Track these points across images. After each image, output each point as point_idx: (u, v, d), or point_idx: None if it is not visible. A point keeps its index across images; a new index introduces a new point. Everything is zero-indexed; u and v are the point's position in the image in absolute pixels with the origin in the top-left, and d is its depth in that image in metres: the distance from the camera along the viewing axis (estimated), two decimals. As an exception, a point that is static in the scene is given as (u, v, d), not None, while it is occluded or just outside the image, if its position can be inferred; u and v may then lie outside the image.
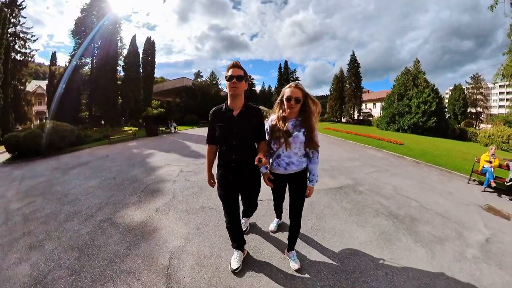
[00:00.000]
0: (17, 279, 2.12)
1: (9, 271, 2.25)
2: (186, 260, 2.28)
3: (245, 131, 1.83)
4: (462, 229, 3.12)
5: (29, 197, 4.46)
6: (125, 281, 1.97)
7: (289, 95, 1.82)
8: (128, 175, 5.14)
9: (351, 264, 2.25)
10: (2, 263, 2.38)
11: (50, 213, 3.53)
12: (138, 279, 1.99)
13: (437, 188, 4.74)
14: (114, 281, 2.00)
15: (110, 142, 11.12)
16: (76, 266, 2.20)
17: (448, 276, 2.17)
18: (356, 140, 10.71)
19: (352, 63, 32.02)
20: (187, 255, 2.34)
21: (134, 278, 1.99)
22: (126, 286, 1.95)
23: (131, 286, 1.93)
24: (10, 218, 3.57)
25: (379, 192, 4.19)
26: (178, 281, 2.01)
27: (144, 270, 2.12)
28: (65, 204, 3.77)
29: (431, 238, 2.77)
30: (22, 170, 7.48)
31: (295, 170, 1.95)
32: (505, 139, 16.98)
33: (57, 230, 2.95)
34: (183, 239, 2.60)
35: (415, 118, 20.79)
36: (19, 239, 2.89)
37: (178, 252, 2.39)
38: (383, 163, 6.62)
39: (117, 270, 2.08)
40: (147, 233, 2.76)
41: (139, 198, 3.74)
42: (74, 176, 5.65)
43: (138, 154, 7.87)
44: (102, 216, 3.17)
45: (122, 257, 2.25)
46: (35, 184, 5.43)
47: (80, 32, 24.55)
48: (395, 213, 3.37)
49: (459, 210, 3.80)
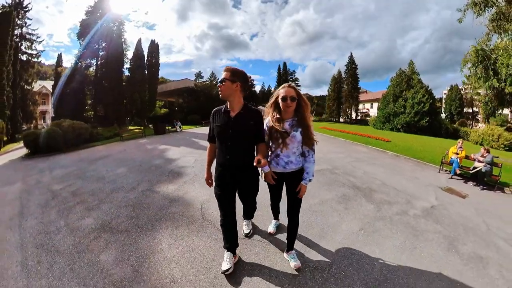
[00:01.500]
0: (85, 226, 3.13)
1: (75, 223, 3.25)
2: (211, 206, 3.44)
3: (241, 133, 1.87)
4: (413, 199, 4.20)
5: (67, 181, 5.48)
6: (173, 217, 3.10)
7: (284, 95, 1.89)
8: (152, 164, 6.22)
9: (315, 208, 3.40)
10: (67, 221, 3.36)
11: (95, 189, 4.58)
12: (182, 215, 3.11)
13: (406, 174, 5.83)
14: (165, 218, 3.10)
15: (122, 139, 12.19)
16: (133, 214, 3.28)
17: (386, 221, 3.24)
18: (347, 138, 11.82)
19: (350, 64, 33.18)
20: (212, 203, 3.49)
21: (179, 215, 3.11)
22: (174, 220, 3.05)
23: (178, 220, 3.05)
24: (57, 195, 4.58)
25: (351, 174, 5.32)
26: (209, 214, 3.23)
27: (185, 211, 3.29)
28: (106, 183, 4.83)
29: (382, 201, 3.86)
30: (46, 163, 8.43)
31: (294, 168, 2.02)
32: (495, 138, 18.11)
33: (107, 198, 4.01)
34: (208, 196, 3.78)
35: (408, 118, 21.89)
36: (74, 206, 3.89)
37: (205, 201, 3.59)
38: (365, 156, 7.73)
39: (166, 212, 3.19)
40: (181, 194, 3.93)
41: (168, 177, 4.86)
42: (101, 165, 6.69)
43: (153, 149, 8.96)
44: (143, 188, 4.26)
45: (167, 207, 3.36)
46: (66, 172, 6.45)
47: (85, 34, 25.57)
48: (358, 186, 4.50)
49: (417, 188, 4.88)
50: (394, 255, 2.50)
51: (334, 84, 33.85)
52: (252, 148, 1.98)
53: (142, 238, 2.67)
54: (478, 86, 6.41)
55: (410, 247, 2.69)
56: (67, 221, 3.38)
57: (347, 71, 33.23)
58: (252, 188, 2.14)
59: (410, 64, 25.82)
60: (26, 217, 3.62)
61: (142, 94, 20.00)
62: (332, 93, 33.73)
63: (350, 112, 33.71)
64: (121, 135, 12.57)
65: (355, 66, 32.91)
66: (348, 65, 33.26)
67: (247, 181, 2.03)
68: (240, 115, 1.88)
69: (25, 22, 27.49)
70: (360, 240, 2.72)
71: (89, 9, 26.50)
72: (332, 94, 33.69)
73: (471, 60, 5.93)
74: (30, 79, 26.18)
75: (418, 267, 2.35)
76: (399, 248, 2.65)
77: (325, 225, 3.02)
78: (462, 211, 3.96)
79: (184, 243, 2.57)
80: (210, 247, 2.50)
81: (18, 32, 25.97)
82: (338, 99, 33.21)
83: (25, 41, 26.79)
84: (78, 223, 3.25)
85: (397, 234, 2.94)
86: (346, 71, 33.37)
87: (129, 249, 2.52)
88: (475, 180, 6.01)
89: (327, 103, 34.70)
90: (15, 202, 4.38)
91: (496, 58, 5.82)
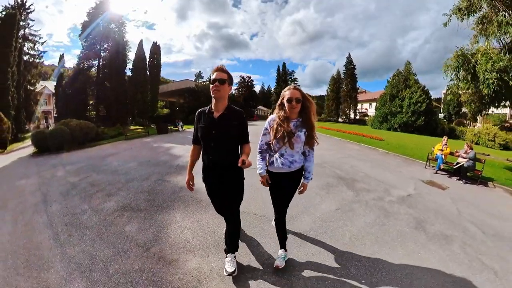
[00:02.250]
0: (107, 208, 3.73)
1: (99, 206, 3.84)
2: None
3: (224, 133, 1.89)
4: (391, 188, 4.78)
5: (82, 174, 6.05)
6: (184, 199, 3.74)
7: (290, 96, 1.94)
8: (159, 159, 6.83)
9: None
10: (90, 205, 3.94)
11: (111, 180, 5.16)
12: (191, 197, 3.76)
13: (390, 169, 6.42)
14: (177, 200, 3.75)
15: (127, 138, 12.78)
16: (149, 198, 3.90)
17: (362, 204, 3.87)
18: (341, 137, 12.45)
19: (348, 64, 33.85)
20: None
21: (189, 197, 3.77)
22: (185, 201, 3.69)
23: (188, 201, 3.71)
24: (76, 185, 5.15)
25: (338, 167, 5.94)
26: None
27: (193, 195, 3.85)
28: (120, 175, 5.42)
29: (361, 189, 4.46)
30: (56, 160, 8.96)
31: (298, 167, 2.10)
32: (491, 137, 18.70)
33: (124, 187, 4.61)
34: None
35: (405, 118, 22.51)
36: (95, 193, 4.48)
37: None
38: (355, 153, 8.34)
39: (177, 196, 3.81)
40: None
41: (176, 170, 5.48)
42: (112, 161, 7.27)
43: (159, 147, 9.60)
44: (154, 178, 4.88)
45: (178, 191, 4.00)
46: (79, 167, 7.00)
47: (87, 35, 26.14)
48: (343, 177, 5.14)
49: (399, 180, 5.46)
50: (364, 229, 3.09)
51: (333, 85, 34.52)
52: (236, 149, 2.01)
53: (159, 214, 3.28)
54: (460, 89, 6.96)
55: (379, 224, 3.28)
56: (90, 205, 3.96)
57: (346, 71, 33.89)
58: (237, 191, 2.08)
59: (406, 64, 26.47)
60: (50, 204, 4.16)
61: (145, 95, 20.64)
62: (331, 93, 34.40)
63: (348, 112, 34.34)
64: (125, 134, 13.16)
65: (353, 66, 33.58)
66: (347, 66, 33.94)
67: (231, 182, 2.01)
68: (223, 116, 1.90)
69: (27, 23, 28.04)
70: (336, 216, 3.34)
71: (90, 11, 27.10)
72: (331, 94, 34.36)
73: (452, 66, 6.49)
74: (33, 80, 26.77)
75: (384, 239, 2.89)
76: (369, 224, 3.24)
77: (308, 205, 3.65)
78: (437, 200, 4.51)
79: (194, 216, 3.23)
80: (215, 219, 3.12)
81: (21, 33, 26.52)
82: (337, 99, 33.87)
83: (27, 42, 27.34)
84: (101, 206, 3.85)
85: (369, 214, 3.54)
86: (345, 71, 34.03)
87: (149, 222, 3.14)
88: (458, 174, 6.55)
89: (326, 103, 35.39)
90: (36, 192, 4.90)
91: (476, 62, 6.41)
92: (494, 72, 5.86)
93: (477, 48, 6.94)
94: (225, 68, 1.89)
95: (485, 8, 6.99)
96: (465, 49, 7.02)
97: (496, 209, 4.29)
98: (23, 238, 2.95)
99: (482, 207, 4.33)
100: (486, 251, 2.78)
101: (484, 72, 6.08)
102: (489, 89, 5.98)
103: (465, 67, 6.50)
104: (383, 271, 2.29)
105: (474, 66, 6.54)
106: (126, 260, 2.42)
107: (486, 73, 6.04)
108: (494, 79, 5.81)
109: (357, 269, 2.29)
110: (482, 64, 6.17)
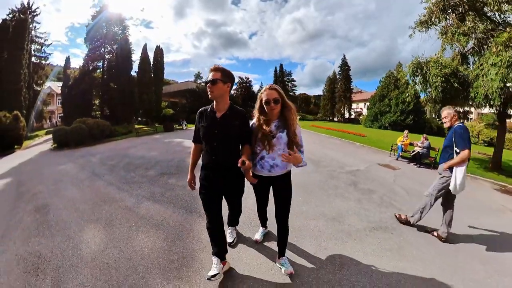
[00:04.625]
0: (150, 174, 5.41)
1: (143, 174, 5.53)
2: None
3: (227, 133, 1.93)
4: (347, 166, 6.52)
5: (116, 159, 7.67)
6: None
7: (266, 98, 1.90)
8: (175, 149, 8.57)
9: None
10: (135, 174, 5.67)
11: (143, 162, 6.88)
12: None
13: (357, 156, 8.18)
14: (198, 168, 5.41)
15: (138, 135, 14.51)
16: (178, 169, 5.68)
17: (317, 172, 5.62)
18: (328, 134, 14.24)
19: (343, 66, 35.75)
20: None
21: None
22: None
23: None
24: (116, 165, 6.80)
25: (313, 154, 7.73)
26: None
27: None
28: (149, 159, 7.15)
29: (323, 166, 6.25)
30: (82, 152, 10.36)
31: (280, 172, 2.03)
32: (475, 134, 20.43)
33: (156, 165, 6.35)
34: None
35: (394, 117, 24.36)
36: (136, 168, 6.16)
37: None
38: (334, 146, 10.13)
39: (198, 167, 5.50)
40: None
41: None
42: (134, 151, 8.97)
43: (170, 142, 11.34)
44: (177, 159, 6.67)
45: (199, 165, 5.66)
46: (108, 155, 8.62)
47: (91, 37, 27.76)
48: (312, 159, 6.90)
49: (357, 162, 7.20)
50: (312, 181, 4.85)
51: (328, 85, 36.42)
52: (237, 149, 2.04)
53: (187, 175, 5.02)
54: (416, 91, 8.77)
55: (323, 180, 5.05)
56: (136, 173, 5.73)
57: (341, 72, 35.79)
58: (238, 188, 2.17)
59: (397, 66, 28.34)
60: (101, 176, 5.82)
61: (150, 95, 22.41)
62: (327, 93, 36.32)
63: (343, 111, 36.23)
64: (137, 131, 14.90)
65: (348, 67, 35.49)
66: (342, 67, 35.84)
67: (233, 181, 2.07)
68: (226, 116, 1.93)
69: (34, 25, 29.58)
70: (296, 173, 5.08)
71: (94, 14, 28.72)
72: (327, 94, 36.28)
73: (408, 72, 8.30)
74: (40, 81, 28.35)
75: (323, 187, 4.62)
76: (315, 179, 5.03)
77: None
78: (381, 174, 6.19)
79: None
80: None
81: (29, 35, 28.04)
82: (332, 99, 35.74)
83: (34, 44, 28.87)
84: (145, 174, 5.63)
85: (318, 175, 5.33)
86: (340, 72, 35.93)
87: (182, 178, 4.95)
88: (415, 161, 8.34)
89: (322, 102, 37.25)
90: (82, 171, 6.42)
91: (428, 69, 8.20)
92: (440, 76, 7.61)
93: (430, 57, 8.70)
94: (219, 67, 1.90)
95: (441, 22, 8.79)
96: (420, 58, 8.80)
97: (429, 180, 6.06)
98: (92, 193, 4.53)
99: (419, 181, 5.82)
100: (401, 200, 4.33)
101: (433, 77, 7.84)
102: (436, 92, 7.75)
103: (419, 72, 8.29)
104: (316, 202, 4.01)
105: (425, 72, 8.32)
106: (173, 191, 4.24)
107: (434, 77, 7.80)
108: (440, 83, 7.56)
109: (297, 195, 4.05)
110: (432, 70, 7.96)
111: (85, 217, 3.44)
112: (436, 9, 8.68)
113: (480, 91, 6.66)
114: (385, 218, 3.47)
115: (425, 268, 2.37)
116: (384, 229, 3.14)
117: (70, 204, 4.01)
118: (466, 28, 7.84)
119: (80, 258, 2.45)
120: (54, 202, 4.16)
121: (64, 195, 4.49)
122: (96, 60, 27.05)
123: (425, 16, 8.78)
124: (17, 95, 20.78)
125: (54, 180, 5.69)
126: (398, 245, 2.77)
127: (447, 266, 2.43)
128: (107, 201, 4.01)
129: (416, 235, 3.03)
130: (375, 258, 2.49)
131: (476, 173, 7.07)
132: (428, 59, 8.57)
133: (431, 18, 8.65)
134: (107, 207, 3.77)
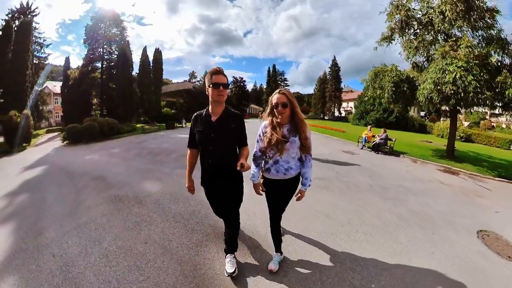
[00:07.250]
0: (173, 157, 7.47)
1: (167, 157, 7.60)
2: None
3: (223, 137, 1.98)
4: (314, 151, 8.73)
5: (135, 150, 9.61)
6: None
7: (275, 102, 1.98)
8: (184, 142, 10.17)
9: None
10: (160, 158, 7.71)
11: (161, 151, 8.85)
12: None
13: (327, 146, 10.40)
14: None
15: (144, 132, 16.47)
16: None
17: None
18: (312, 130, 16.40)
19: (333, 66, 38.24)
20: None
21: None
22: None
23: None
24: (139, 154, 8.66)
25: None
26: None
27: None
28: (165, 149, 9.16)
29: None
30: (97, 146, 11.78)
31: (294, 174, 2.13)
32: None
33: (174, 152, 8.39)
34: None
35: (377, 115, 26.90)
36: (157, 155, 8.12)
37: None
38: (313, 140, 12.18)
39: None
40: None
41: None
42: (147, 144, 10.94)
43: (175, 137, 13.33)
44: None
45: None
46: (126, 148, 10.48)
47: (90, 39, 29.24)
48: None
49: (325, 149, 9.41)
50: None
51: (319, 85, 38.89)
52: (235, 152, 2.09)
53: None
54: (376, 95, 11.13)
55: None
56: (160, 158, 7.71)
57: (331, 73, 38.27)
58: (236, 194, 2.18)
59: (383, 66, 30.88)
60: (132, 160, 7.76)
61: (150, 96, 24.35)
62: (318, 92, 38.75)
63: (333, 110, 38.78)
64: (142, 129, 16.86)
65: (338, 68, 38.00)
66: (332, 68, 38.31)
67: (231, 185, 2.11)
68: (221, 119, 1.98)
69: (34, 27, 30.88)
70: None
71: (93, 15, 30.18)
72: (318, 93, 38.70)
73: (368, 78, 10.62)
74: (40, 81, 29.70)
75: None
76: None
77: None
78: (341, 156, 8.37)
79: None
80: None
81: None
82: (323, 98, 38.22)
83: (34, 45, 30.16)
84: (168, 157, 7.66)
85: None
86: (330, 72, 38.41)
87: None
88: (375, 150, 10.66)
89: (313, 101, 39.69)
90: (113, 158, 8.22)
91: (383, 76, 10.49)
92: (391, 82, 9.92)
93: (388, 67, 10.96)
94: (223, 72, 1.96)
95: (401, 37, 11.08)
96: (378, 67, 11.10)
97: (386, 163, 8.23)
98: (135, 168, 6.46)
99: (372, 162, 8.12)
100: (352, 171, 6.67)
101: (385, 82, 10.16)
102: (388, 94, 10.05)
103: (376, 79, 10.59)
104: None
105: (381, 79, 10.62)
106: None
107: (386, 83, 10.11)
108: (390, 87, 9.87)
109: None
110: (385, 77, 10.26)
111: (139, 179, 5.47)
112: (396, 26, 11.01)
113: (423, 92, 8.74)
114: (326, 175, 5.71)
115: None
116: (321, 179, 5.37)
117: (121, 174, 5.94)
118: (416, 42, 10.15)
119: (147, 193, 4.48)
120: (106, 174, 5.83)
121: (111, 171, 6.23)
122: (95, 60, 28.54)
123: (385, 33, 11.08)
124: (23, 95, 22.33)
125: (92, 163, 7.48)
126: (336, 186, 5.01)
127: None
128: (150, 171, 6.04)
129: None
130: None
131: (429, 159, 9.11)
132: (386, 68, 10.91)
133: (392, 35, 10.99)
134: (151, 174, 5.81)
